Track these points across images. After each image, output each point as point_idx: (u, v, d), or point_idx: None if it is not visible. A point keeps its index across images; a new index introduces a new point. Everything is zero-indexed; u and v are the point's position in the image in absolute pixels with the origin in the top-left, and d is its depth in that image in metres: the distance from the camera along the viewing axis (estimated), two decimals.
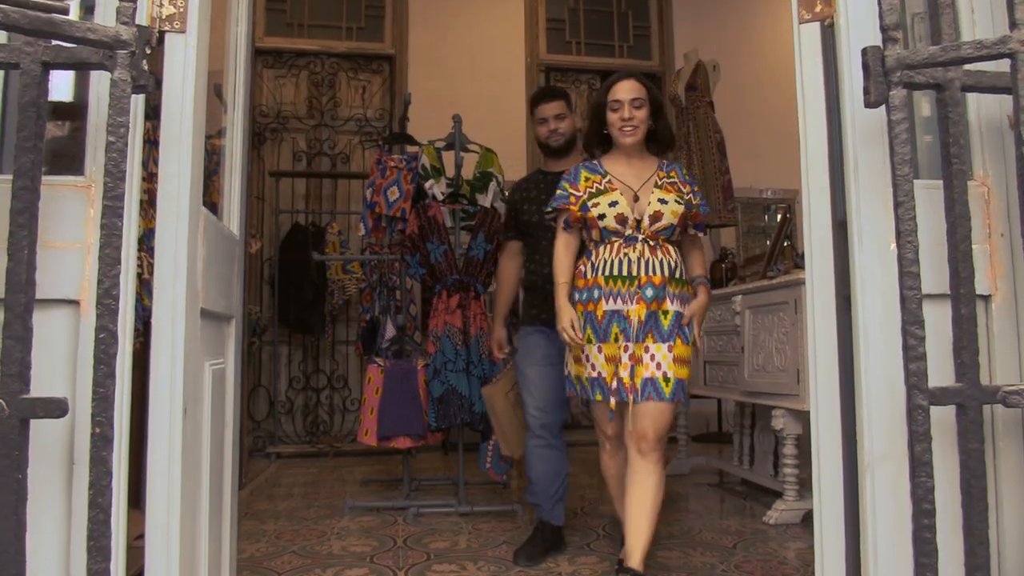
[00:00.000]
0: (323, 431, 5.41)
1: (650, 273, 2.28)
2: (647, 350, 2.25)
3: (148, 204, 1.96)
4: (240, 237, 1.94)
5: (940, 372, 1.33)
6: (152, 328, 1.37)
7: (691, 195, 2.40)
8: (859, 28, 1.41)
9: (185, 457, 1.39)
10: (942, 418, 1.33)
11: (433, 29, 5.67)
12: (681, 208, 2.33)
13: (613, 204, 2.33)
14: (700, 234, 2.48)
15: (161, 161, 1.37)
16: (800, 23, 1.47)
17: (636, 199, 2.34)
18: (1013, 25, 1.24)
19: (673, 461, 4.21)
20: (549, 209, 2.46)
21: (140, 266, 2.08)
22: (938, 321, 1.33)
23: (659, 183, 2.37)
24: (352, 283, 5.17)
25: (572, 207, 2.38)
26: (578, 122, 3.01)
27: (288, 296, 5.21)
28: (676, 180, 2.40)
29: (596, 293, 2.32)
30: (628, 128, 2.37)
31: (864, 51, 1.27)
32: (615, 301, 2.29)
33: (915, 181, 1.26)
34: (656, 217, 2.30)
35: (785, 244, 3.60)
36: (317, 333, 5.33)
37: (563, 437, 2.86)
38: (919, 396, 1.22)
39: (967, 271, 1.26)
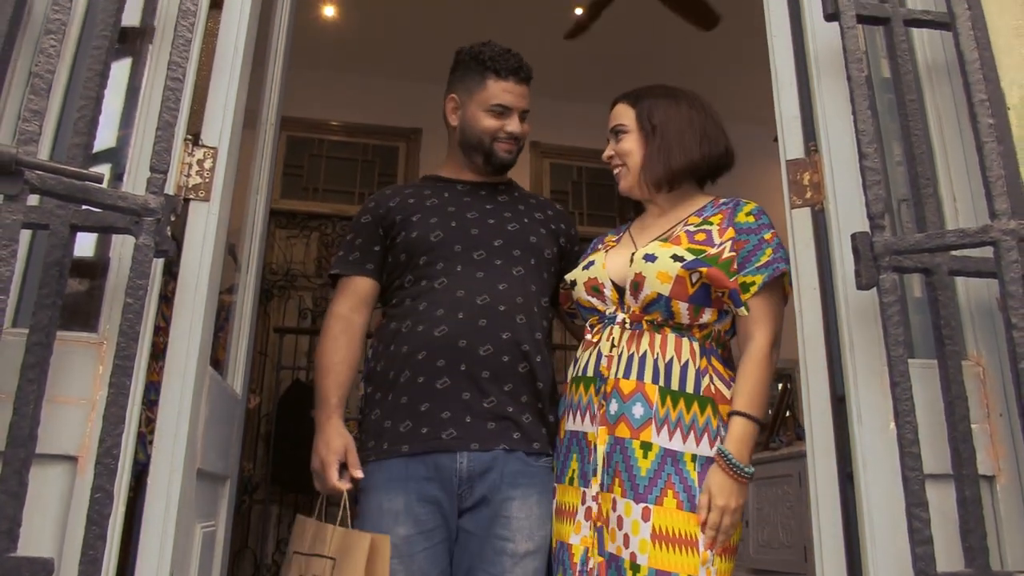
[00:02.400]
0: None
1: (620, 374, 1.45)
2: (614, 507, 1.41)
3: (151, 358, 1.98)
4: (242, 397, 1.94)
5: (948, 554, 1.29)
6: (147, 488, 1.34)
7: (723, 246, 1.50)
8: (847, 213, 1.48)
9: None
10: None
11: None
12: (676, 268, 1.45)
13: (588, 266, 1.59)
14: (740, 311, 1.49)
15: (174, 323, 1.40)
16: (792, 208, 1.55)
17: (633, 260, 1.54)
18: (993, 215, 1.31)
19: None
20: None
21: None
22: (943, 502, 1.31)
23: (672, 235, 1.55)
24: None
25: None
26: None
27: (283, 453, 5.12)
28: (713, 225, 1.54)
29: (562, 406, 1.60)
30: (615, 170, 1.67)
31: (853, 236, 1.34)
32: (574, 417, 1.52)
33: (910, 360, 1.29)
34: (637, 284, 1.48)
35: (786, 415, 3.59)
36: (310, 493, 5.19)
37: None
38: None
39: (968, 452, 1.26)
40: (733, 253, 1.51)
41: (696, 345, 1.49)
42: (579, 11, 4.61)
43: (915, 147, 1.41)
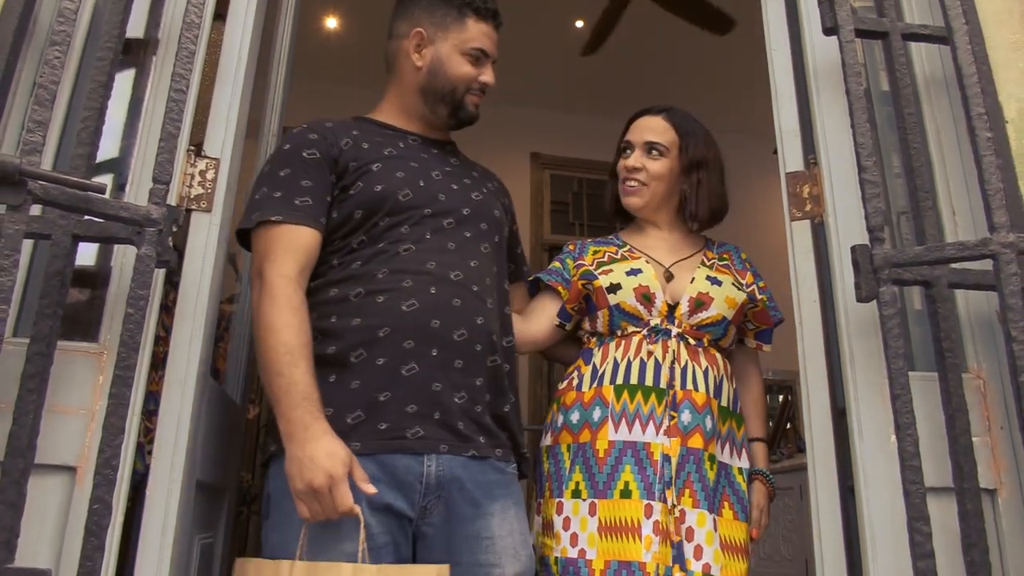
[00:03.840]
0: None
1: (689, 386, 1.48)
2: (683, 518, 1.41)
3: (151, 368, 1.98)
4: (242, 407, 1.94)
5: (950, 568, 1.29)
6: (145, 499, 1.34)
7: (753, 287, 1.64)
8: (847, 226, 1.48)
9: None
10: None
11: None
12: (742, 296, 1.58)
13: (633, 272, 1.56)
14: (765, 347, 1.69)
15: (174, 332, 1.40)
16: (791, 220, 1.55)
17: (670, 277, 1.59)
18: (992, 228, 1.31)
19: None
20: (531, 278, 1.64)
21: None
22: (944, 515, 1.31)
23: (706, 262, 1.65)
24: None
25: (574, 280, 1.61)
26: None
27: None
28: (730, 263, 1.68)
29: (598, 414, 1.47)
30: (632, 183, 1.65)
31: (853, 249, 1.34)
32: (631, 426, 1.44)
33: (911, 373, 1.29)
34: (701, 302, 1.54)
35: (787, 427, 3.58)
36: None
37: None
38: None
39: (969, 465, 1.26)
40: (764, 296, 1.66)
41: (728, 364, 1.62)
42: (580, 24, 4.63)
43: (914, 160, 1.41)
